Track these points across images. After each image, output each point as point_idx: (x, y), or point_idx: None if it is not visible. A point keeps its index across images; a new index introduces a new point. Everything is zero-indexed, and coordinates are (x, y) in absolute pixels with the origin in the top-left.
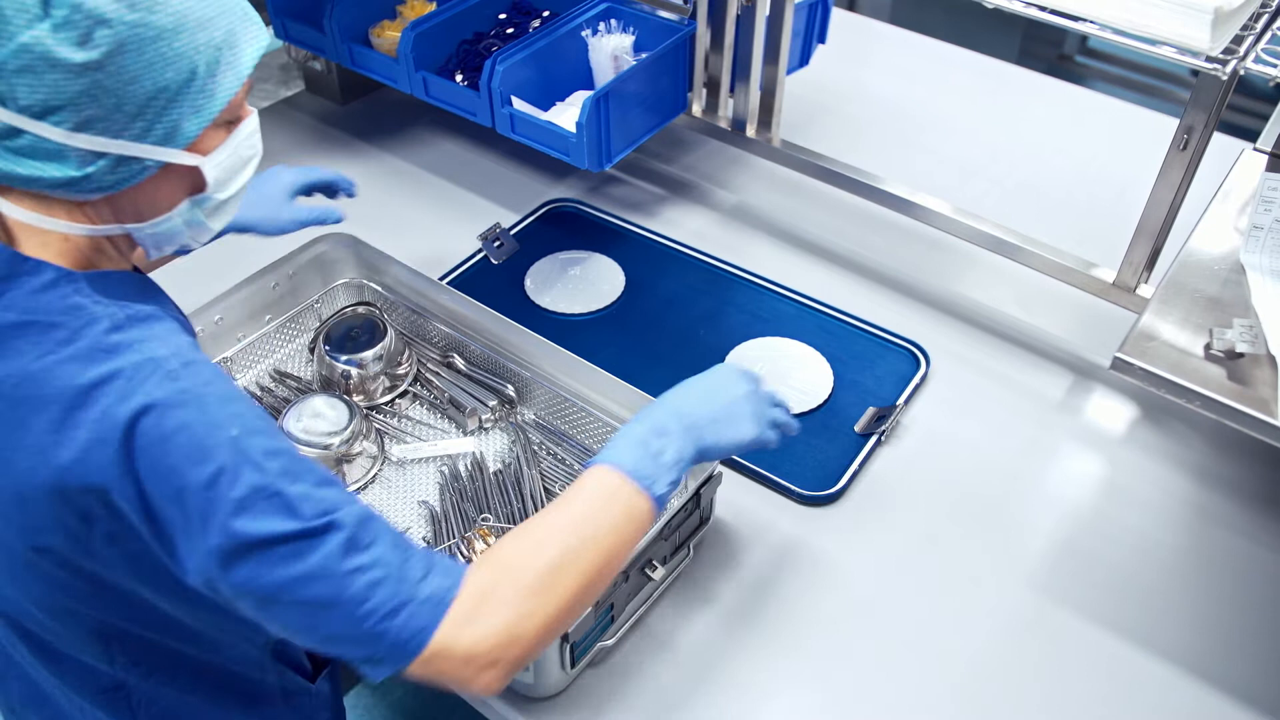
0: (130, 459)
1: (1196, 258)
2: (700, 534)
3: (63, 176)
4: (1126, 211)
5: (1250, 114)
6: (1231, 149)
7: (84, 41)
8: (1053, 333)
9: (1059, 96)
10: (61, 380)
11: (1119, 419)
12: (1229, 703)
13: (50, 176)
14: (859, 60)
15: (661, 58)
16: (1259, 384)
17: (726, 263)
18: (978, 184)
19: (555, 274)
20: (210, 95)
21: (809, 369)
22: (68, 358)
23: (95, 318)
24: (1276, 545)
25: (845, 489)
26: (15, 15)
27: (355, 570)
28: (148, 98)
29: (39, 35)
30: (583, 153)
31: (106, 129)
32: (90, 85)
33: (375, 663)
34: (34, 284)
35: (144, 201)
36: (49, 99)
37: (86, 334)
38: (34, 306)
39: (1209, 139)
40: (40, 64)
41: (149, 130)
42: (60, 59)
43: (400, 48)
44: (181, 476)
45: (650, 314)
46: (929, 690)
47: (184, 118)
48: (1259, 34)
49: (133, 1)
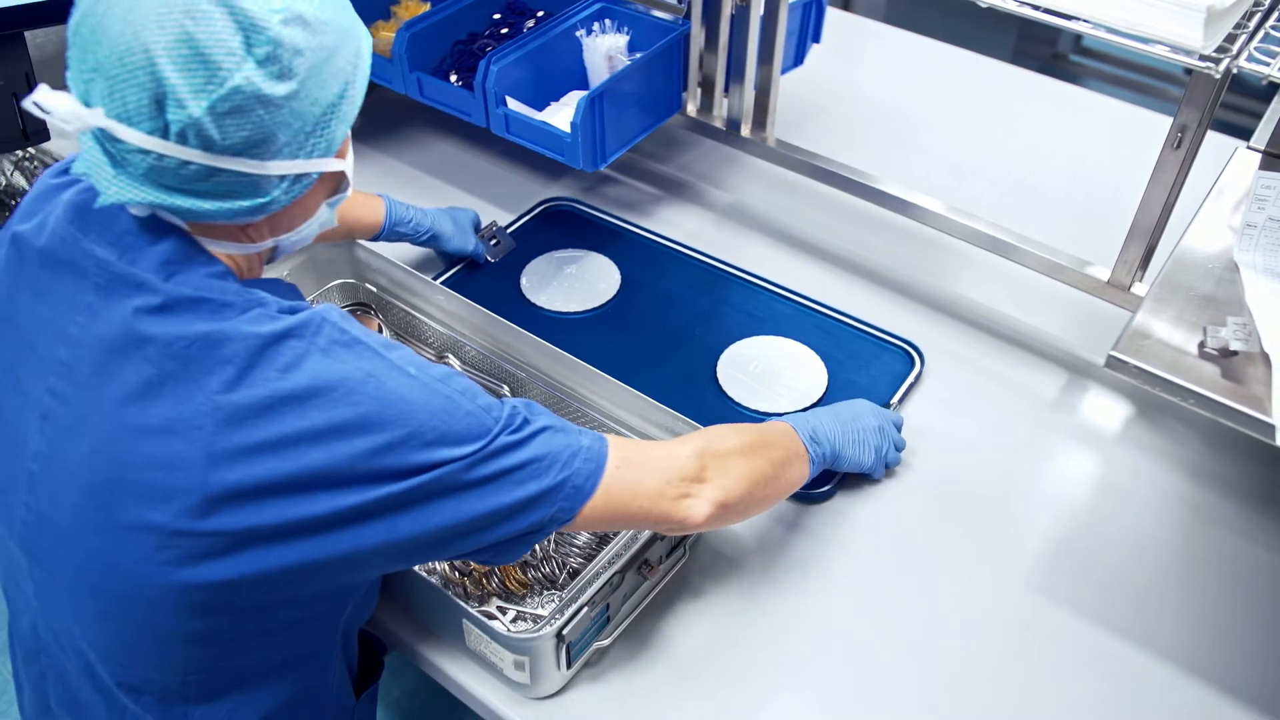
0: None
1: (1190, 256)
2: (696, 533)
3: (251, 205)
4: (1121, 210)
5: (1244, 112)
6: (1226, 147)
7: (284, 74)
8: (1048, 331)
9: (1054, 95)
10: (241, 338)
11: (1114, 417)
12: (1225, 701)
13: (238, 207)
14: (854, 59)
15: (656, 57)
16: (1253, 382)
17: (722, 262)
18: (972, 183)
19: (551, 273)
20: (354, 101)
21: (804, 368)
22: (248, 321)
23: (265, 300)
24: (1272, 543)
25: (836, 488)
26: (224, 59)
27: (522, 442)
28: (322, 115)
29: (249, 75)
30: (577, 153)
31: (292, 152)
32: (288, 115)
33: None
34: (209, 270)
35: (298, 213)
36: (253, 134)
37: (263, 308)
38: (209, 287)
39: (1203, 137)
40: (251, 102)
41: (317, 145)
42: (268, 95)
43: (394, 48)
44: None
45: (646, 313)
46: (925, 689)
47: (339, 127)
48: (1252, 32)
49: (314, 26)
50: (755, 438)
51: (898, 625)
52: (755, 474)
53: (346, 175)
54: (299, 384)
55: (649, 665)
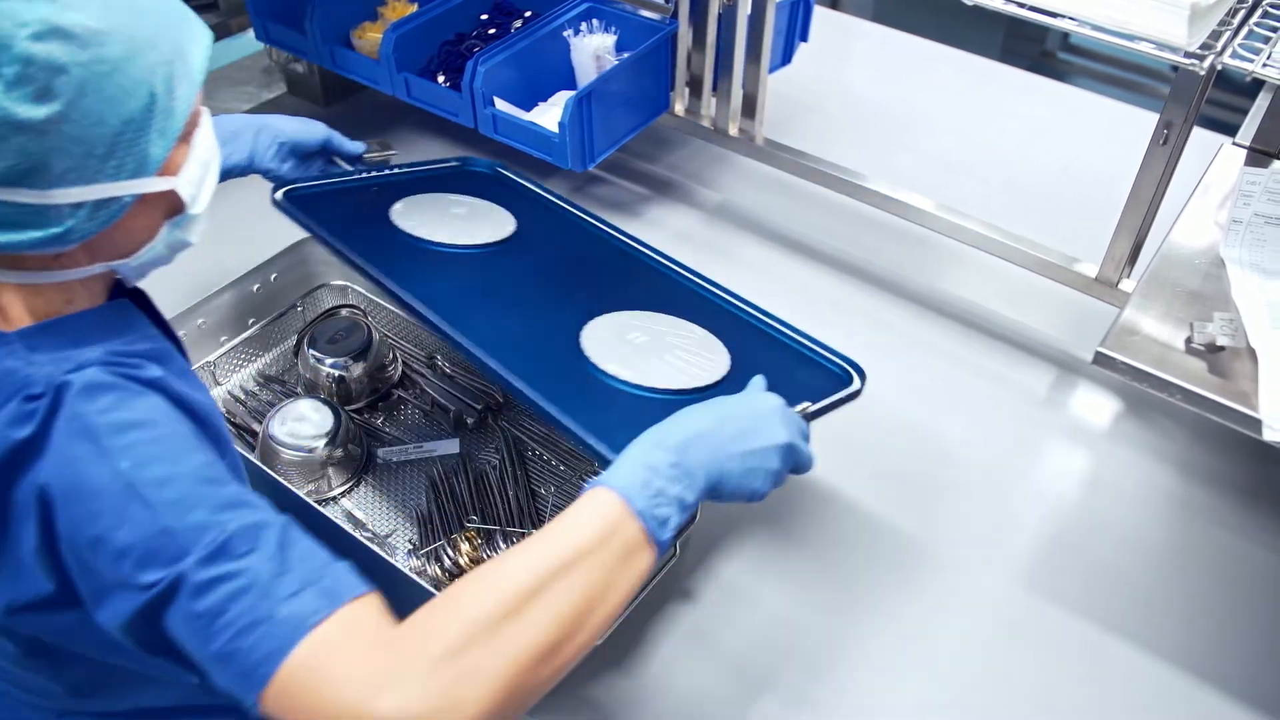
0: (44, 511)
1: (1177, 252)
2: (687, 532)
3: (43, 236)
4: (1109, 207)
5: (1231, 108)
6: (1213, 144)
7: (43, 96)
8: (1037, 328)
9: (1042, 93)
10: None
11: (1103, 413)
12: (1216, 694)
13: (29, 239)
14: (842, 58)
15: (644, 57)
16: (1239, 377)
17: (636, 240)
18: (961, 181)
19: (434, 209)
20: (171, 114)
21: (700, 353)
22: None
23: (29, 380)
24: (1259, 538)
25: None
26: None
27: (217, 579)
28: (115, 135)
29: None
30: (565, 153)
31: (80, 177)
32: (59, 139)
33: (239, 694)
34: None
35: (122, 238)
36: (17, 163)
37: (12, 402)
38: None
39: (1189, 134)
40: (4, 129)
41: (121, 167)
42: (23, 120)
43: (382, 49)
44: (74, 525)
45: (529, 266)
46: (922, 686)
47: (151, 144)
48: (1236, 29)
49: (82, 39)
50: (549, 573)
51: (891, 622)
52: (541, 659)
53: (179, 195)
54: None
55: (639, 665)
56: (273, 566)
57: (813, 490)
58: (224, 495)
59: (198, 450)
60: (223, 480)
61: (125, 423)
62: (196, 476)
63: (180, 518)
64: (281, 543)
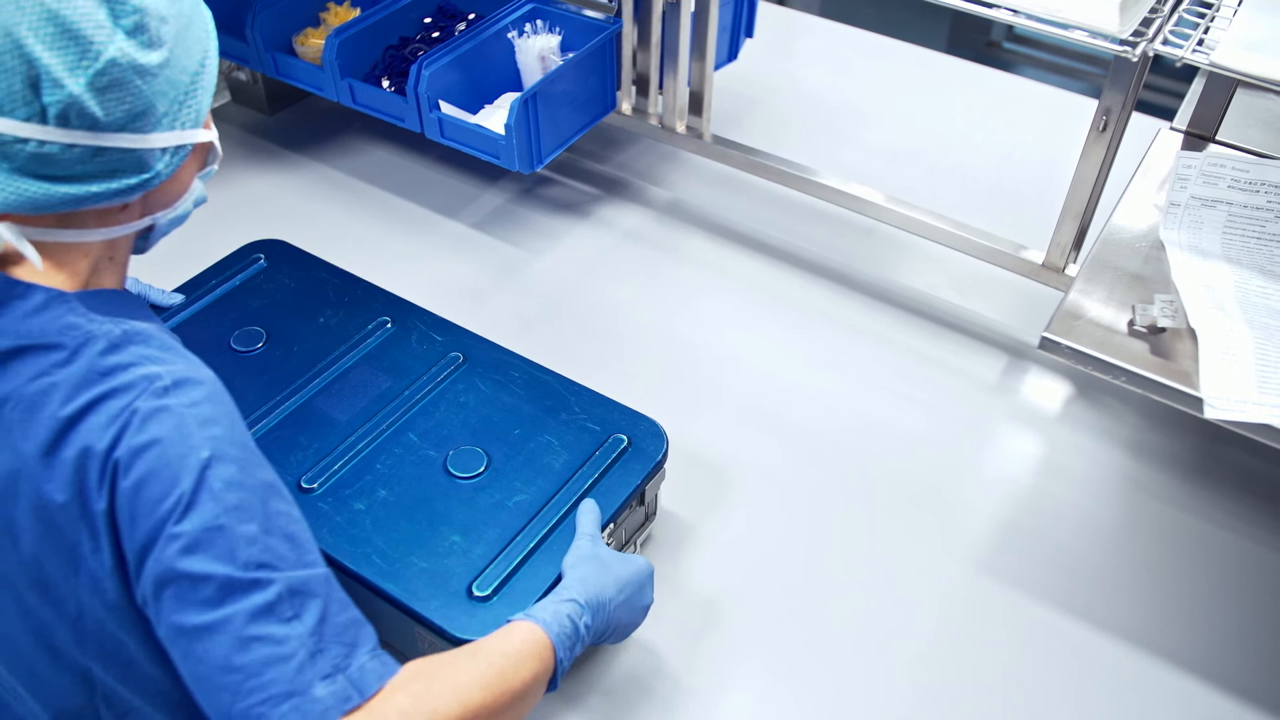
0: (111, 475)
1: (1119, 236)
2: (646, 530)
3: (137, 181)
4: (1054, 194)
5: (1171, 94)
6: (1154, 129)
7: (154, 43)
8: (987, 315)
9: (987, 83)
10: (52, 406)
11: (1054, 397)
12: (1171, 668)
13: (123, 186)
14: (788, 53)
15: (589, 57)
16: (1181, 357)
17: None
18: (908, 172)
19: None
20: (213, 70)
21: None
22: (62, 381)
23: (92, 336)
24: (1208, 514)
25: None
26: (94, 32)
27: (258, 639)
28: (190, 83)
29: (121, 46)
30: (513, 155)
31: (171, 122)
32: (163, 84)
33: None
34: (25, 308)
35: (174, 188)
36: (134, 107)
37: (84, 354)
38: (28, 330)
39: (1127, 120)
40: (128, 74)
41: (191, 114)
42: (143, 65)
43: (325, 55)
44: (141, 493)
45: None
46: (890, 676)
47: (204, 95)
48: (1167, 15)
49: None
50: (490, 685)
51: (848, 611)
52: None
53: (215, 146)
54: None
55: (605, 664)
56: (312, 643)
57: (767, 483)
58: (281, 519)
59: (265, 464)
60: (283, 498)
61: (208, 418)
62: (263, 486)
63: (239, 524)
64: (323, 616)
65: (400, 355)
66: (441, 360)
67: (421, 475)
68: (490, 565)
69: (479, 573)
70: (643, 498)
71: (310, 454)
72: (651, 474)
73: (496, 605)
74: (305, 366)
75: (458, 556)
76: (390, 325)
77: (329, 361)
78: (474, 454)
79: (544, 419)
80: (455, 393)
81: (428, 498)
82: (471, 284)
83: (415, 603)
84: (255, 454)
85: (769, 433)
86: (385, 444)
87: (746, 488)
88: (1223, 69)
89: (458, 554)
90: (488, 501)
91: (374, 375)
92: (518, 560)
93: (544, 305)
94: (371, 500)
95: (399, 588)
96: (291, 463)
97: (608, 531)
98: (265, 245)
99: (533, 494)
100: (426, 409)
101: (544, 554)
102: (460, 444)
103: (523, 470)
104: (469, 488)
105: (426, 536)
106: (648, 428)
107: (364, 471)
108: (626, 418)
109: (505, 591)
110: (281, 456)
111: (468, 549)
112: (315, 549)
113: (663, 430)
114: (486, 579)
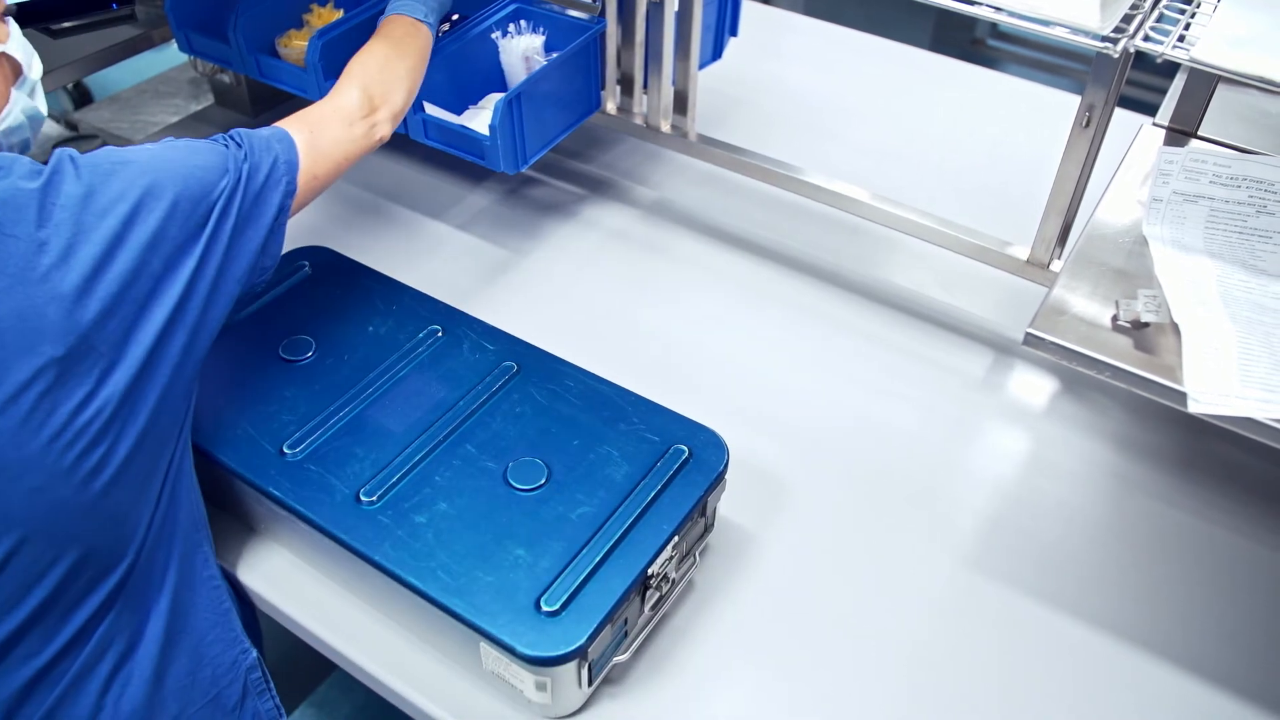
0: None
1: (1102, 231)
2: (705, 541)
3: None
4: (1038, 190)
5: (1154, 89)
6: (1137, 125)
7: None
8: (973, 312)
9: (972, 81)
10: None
11: (1040, 393)
12: (1159, 664)
13: None
14: (773, 52)
15: (573, 57)
16: (1165, 352)
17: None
18: (895, 170)
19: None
20: None
21: None
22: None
23: (15, 160)
24: (1195, 509)
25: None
26: None
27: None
28: None
29: None
30: (498, 155)
31: None
32: None
33: None
34: None
35: None
36: None
37: (15, 167)
38: None
39: (1110, 116)
40: None
41: None
42: None
43: (308, 57)
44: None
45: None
46: (877, 671)
47: None
48: (1148, 12)
49: None
50: (392, 46)
51: (837, 611)
52: (412, 77)
53: (16, 58)
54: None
55: (662, 675)
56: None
57: (753, 480)
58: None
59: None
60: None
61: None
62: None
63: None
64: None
65: (453, 364)
66: (495, 369)
67: (482, 487)
68: (557, 580)
69: (546, 587)
70: (704, 509)
71: (367, 466)
72: (714, 485)
73: (565, 620)
74: (357, 376)
75: (524, 570)
76: (441, 334)
77: (381, 371)
78: (534, 465)
79: (602, 430)
80: (511, 403)
81: (489, 510)
82: (457, 285)
83: (483, 619)
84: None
85: (756, 430)
86: (443, 455)
87: (734, 485)
88: (1204, 65)
89: (523, 568)
90: (550, 514)
91: (428, 385)
92: (585, 574)
93: (530, 305)
94: (432, 513)
95: (466, 604)
96: (349, 474)
97: (672, 545)
98: (309, 252)
99: (595, 506)
100: (483, 419)
101: (611, 567)
102: (519, 455)
103: (584, 482)
104: (531, 500)
105: (491, 550)
106: (707, 438)
107: (423, 484)
108: (685, 428)
109: (573, 606)
110: (338, 468)
111: (533, 563)
112: None
113: (723, 440)
114: (554, 594)
